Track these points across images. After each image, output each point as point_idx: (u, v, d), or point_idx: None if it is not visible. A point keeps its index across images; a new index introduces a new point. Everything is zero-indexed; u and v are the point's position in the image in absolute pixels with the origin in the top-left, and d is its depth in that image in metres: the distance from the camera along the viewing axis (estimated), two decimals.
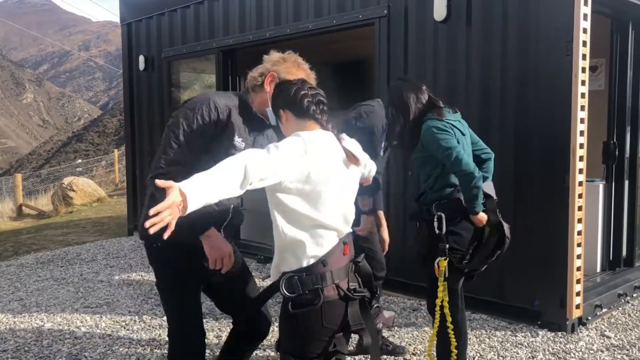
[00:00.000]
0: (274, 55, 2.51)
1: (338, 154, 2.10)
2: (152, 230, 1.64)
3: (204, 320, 2.82)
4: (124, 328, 4.40)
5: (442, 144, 2.96)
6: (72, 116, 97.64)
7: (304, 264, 2.02)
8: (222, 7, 6.55)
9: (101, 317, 4.67)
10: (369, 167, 2.41)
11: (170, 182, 1.70)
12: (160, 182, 1.71)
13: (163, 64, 7.41)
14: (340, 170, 2.09)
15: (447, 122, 3.06)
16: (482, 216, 3.00)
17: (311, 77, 2.45)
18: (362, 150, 2.28)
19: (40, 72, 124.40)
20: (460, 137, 3.10)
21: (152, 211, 1.64)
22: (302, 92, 2.13)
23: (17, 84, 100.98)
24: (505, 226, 3.07)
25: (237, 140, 2.47)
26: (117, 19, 8.34)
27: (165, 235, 1.66)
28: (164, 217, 1.65)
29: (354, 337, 2.65)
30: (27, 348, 4.06)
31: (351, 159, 2.13)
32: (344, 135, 2.19)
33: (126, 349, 4.00)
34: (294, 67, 2.45)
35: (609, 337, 4.04)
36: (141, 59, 7.64)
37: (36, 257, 7.28)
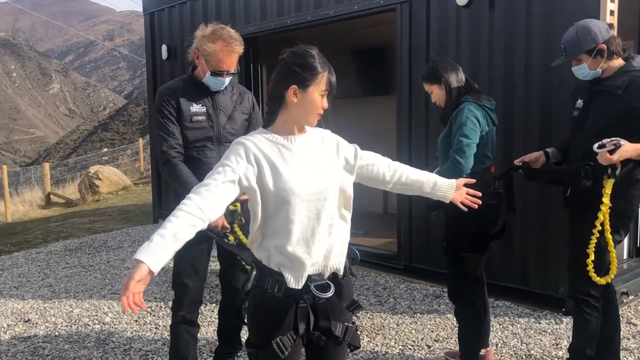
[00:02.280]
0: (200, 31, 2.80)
1: None
2: (133, 311, 1.63)
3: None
4: (150, 314, 4.49)
5: (464, 130, 2.93)
6: (98, 105, 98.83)
7: None
8: None
9: None
10: None
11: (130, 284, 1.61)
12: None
13: (185, 53, 7.45)
14: None
15: (484, 108, 3.02)
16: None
17: (232, 46, 2.75)
18: None
19: (66, 63, 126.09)
20: (491, 127, 3.06)
21: (124, 300, 1.59)
22: None
23: (44, 74, 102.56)
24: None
25: (196, 107, 2.84)
26: (140, 9, 8.40)
27: (136, 311, 1.63)
28: (129, 302, 1.59)
29: None
30: (57, 333, 4.17)
31: None
32: None
33: (152, 334, 4.08)
34: (211, 40, 2.76)
35: (635, 325, 3.99)
36: (164, 48, 7.68)
37: (64, 245, 7.45)
